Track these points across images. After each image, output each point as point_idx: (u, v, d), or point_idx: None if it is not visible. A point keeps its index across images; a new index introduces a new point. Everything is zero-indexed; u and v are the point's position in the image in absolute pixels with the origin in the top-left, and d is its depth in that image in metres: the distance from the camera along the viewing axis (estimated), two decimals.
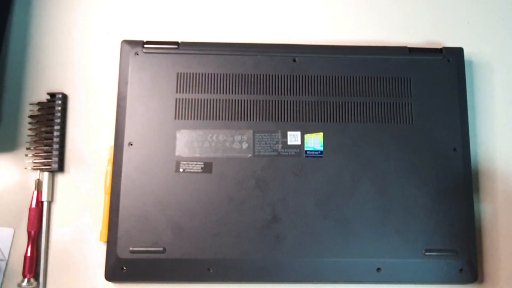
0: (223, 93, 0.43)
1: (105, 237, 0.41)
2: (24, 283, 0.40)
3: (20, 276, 0.41)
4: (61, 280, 0.41)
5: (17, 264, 0.41)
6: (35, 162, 0.43)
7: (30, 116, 0.44)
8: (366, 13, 0.48)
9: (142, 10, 0.47)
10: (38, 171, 0.43)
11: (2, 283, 0.41)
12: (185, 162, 0.42)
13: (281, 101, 0.43)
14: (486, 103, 0.46)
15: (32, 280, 0.41)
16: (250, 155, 0.42)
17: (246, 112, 0.43)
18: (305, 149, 0.42)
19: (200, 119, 0.43)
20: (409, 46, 0.45)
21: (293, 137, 0.43)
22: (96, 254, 0.42)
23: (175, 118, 0.42)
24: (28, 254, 0.41)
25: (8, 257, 0.41)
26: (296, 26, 0.47)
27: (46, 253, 0.42)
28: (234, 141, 0.42)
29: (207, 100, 0.43)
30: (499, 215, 0.44)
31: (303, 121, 0.43)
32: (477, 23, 0.48)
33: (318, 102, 0.43)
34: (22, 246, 0.41)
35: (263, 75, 0.44)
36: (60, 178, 0.43)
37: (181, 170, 0.42)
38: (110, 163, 0.42)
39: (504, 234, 0.44)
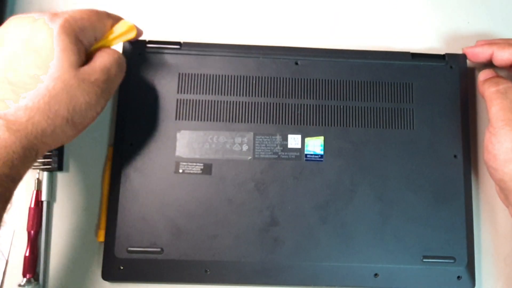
0: (224, 94, 0.43)
1: (103, 237, 0.41)
2: (24, 283, 0.40)
3: (20, 275, 0.41)
4: (61, 280, 0.42)
5: (17, 263, 0.41)
6: None
7: None
8: (369, 17, 0.48)
9: (145, 9, 0.47)
10: (38, 170, 0.43)
11: (2, 283, 0.41)
12: (184, 163, 0.42)
13: (282, 103, 0.43)
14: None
15: (32, 279, 0.41)
16: (250, 157, 0.42)
17: (247, 114, 0.43)
18: (305, 152, 0.42)
19: (201, 120, 0.43)
20: (412, 51, 0.45)
21: (294, 140, 0.43)
22: (96, 254, 0.42)
23: (176, 118, 0.42)
24: (28, 254, 0.41)
25: (8, 256, 0.42)
26: (299, 29, 0.47)
27: (46, 253, 0.42)
28: (235, 143, 0.42)
29: (208, 101, 0.43)
30: (498, 223, 0.44)
31: (304, 124, 0.43)
32: (479, 29, 0.48)
33: (319, 105, 0.43)
34: (22, 246, 0.42)
35: (265, 77, 0.44)
36: (60, 177, 0.43)
37: (180, 171, 0.42)
38: (110, 163, 0.42)
39: (503, 242, 0.44)
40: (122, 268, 0.40)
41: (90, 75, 0.34)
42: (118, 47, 0.44)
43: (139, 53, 0.43)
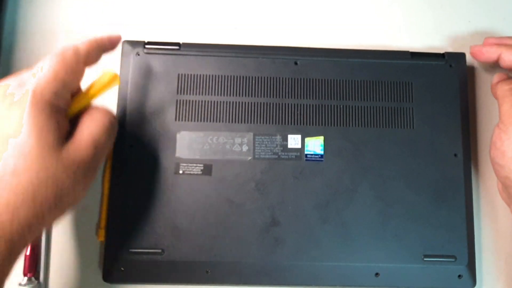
0: (224, 95, 0.43)
1: (104, 236, 0.41)
2: (25, 282, 0.40)
3: (21, 274, 0.41)
4: (61, 279, 0.42)
5: (18, 263, 0.41)
6: None
7: None
8: (369, 16, 0.48)
9: (144, 10, 0.47)
10: None
11: None
12: (184, 164, 0.42)
13: (282, 104, 0.43)
14: (488, 109, 0.46)
15: (33, 278, 0.41)
16: (250, 157, 0.42)
17: (246, 115, 0.43)
18: (305, 152, 0.42)
19: (201, 121, 0.42)
20: (411, 50, 0.45)
21: (294, 140, 0.43)
22: (96, 253, 0.42)
23: (176, 119, 0.42)
24: (29, 253, 0.41)
25: None
26: (298, 29, 0.47)
27: (46, 252, 0.42)
28: (234, 144, 0.42)
29: (208, 102, 0.43)
30: (499, 221, 0.44)
31: (303, 124, 0.43)
32: (479, 28, 0.48)
33: (319, 105, 0.43)
34: None
35: (264, 77, 0.43)
36: None
37: (180, 172, 0.42)
38: (110, 162, 0.42)
39: (504, 241, 0.44)
40: (123, 269, 0.40)
41: (76, 154, 0.31)
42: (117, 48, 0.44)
43: (138, 54, 0.43)
